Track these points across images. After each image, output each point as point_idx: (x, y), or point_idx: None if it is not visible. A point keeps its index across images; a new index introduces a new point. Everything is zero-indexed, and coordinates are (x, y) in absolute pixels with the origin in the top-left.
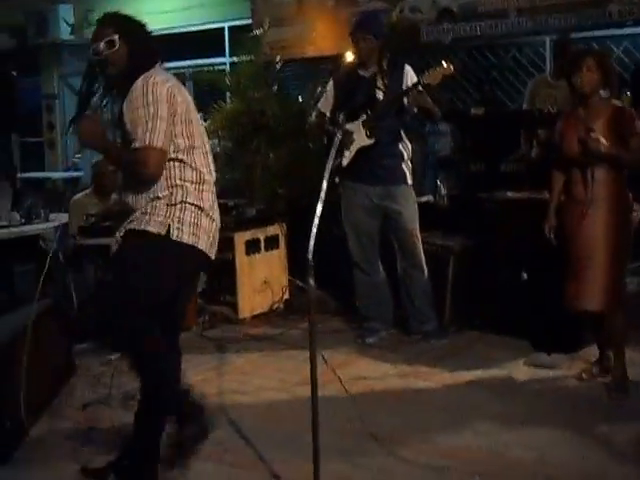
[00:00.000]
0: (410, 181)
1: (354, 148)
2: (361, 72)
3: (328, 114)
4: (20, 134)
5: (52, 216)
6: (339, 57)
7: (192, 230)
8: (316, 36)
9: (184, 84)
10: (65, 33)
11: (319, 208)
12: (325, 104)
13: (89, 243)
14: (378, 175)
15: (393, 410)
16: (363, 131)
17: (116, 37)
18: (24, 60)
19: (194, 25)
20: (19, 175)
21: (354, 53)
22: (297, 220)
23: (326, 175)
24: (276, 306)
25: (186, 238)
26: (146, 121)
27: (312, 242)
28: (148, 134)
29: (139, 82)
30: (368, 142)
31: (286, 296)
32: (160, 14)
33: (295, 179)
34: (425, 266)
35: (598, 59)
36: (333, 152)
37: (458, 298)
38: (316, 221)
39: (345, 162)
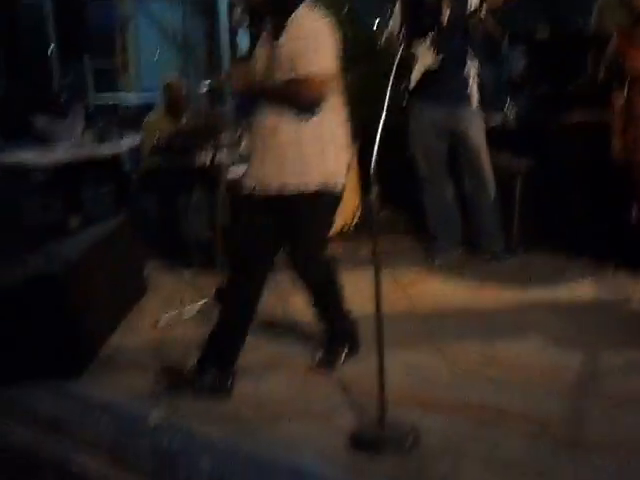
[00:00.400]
0: (476, 103)
1: (419, 70)
2: None
3: (395, 32)
4: (93, 56)
5: (125, 138)
6: None
7: None
8: None
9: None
10: None
11: (382, 122)
12: (394, 26)
13: (162, 164)
14: (443, 97)
15: (458, 325)
16: (429, 53)
17: None
18: None
19: None
20: (93, 98)
21: None
22: (369, 143)
23: (388, 92)
24: (347, 227)
25: None
26: (315, 49)
27: (375, 157)
28: (320, 63)
29: (299, 15)
30: (433, 64)
31: (358, 217)
32: None
33: (366, 103)
34: (493, 186)
35: None
36: (393, 71)
37: (526, 219)
38: (378, 137)
39: (412, 84)
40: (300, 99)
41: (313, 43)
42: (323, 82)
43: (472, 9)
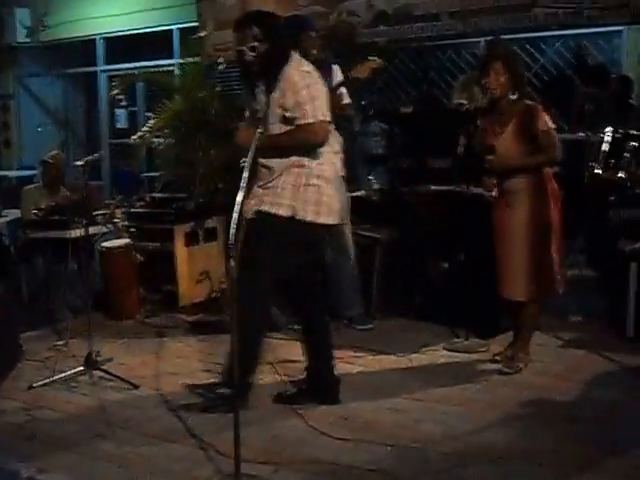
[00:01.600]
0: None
1: None
2: None
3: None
4: None
5: (5, 212)
6: None
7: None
8: None
9: (134, 84)
10: (21, 36)
11: (239, 196)
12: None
13: (38, 236)
14: None
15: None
16: None
17: (257, 42)
18: None
19: (144, 27)
20: None
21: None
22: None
23: (246, 169)
24: (214, 295)
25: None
26: (311, 99)
27: (233, 228)
28: (318, 110)
29: (290, 71)
30: None
31: (224, 285)
32: (111, 17)
33: (234, 174)
34: (352, 254)
35: (505, 62)
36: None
37: (385, 287)
38: (237, 208)
39: None
40: (308, 143)
41: (307, 94)
42: (324, 125)
43: (337, 83)
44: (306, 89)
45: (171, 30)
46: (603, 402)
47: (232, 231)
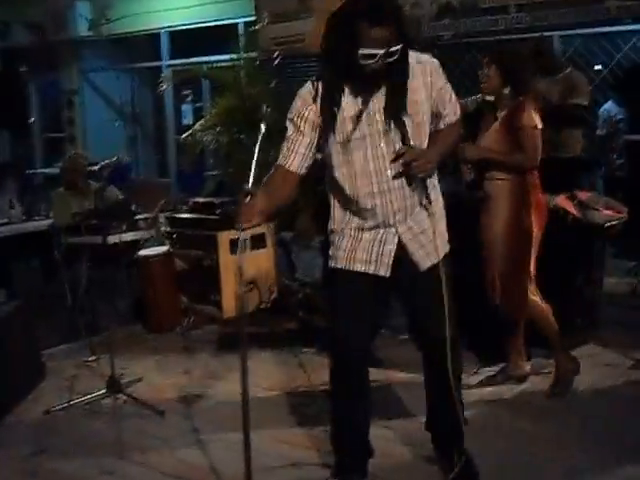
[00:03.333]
0: None
1: None
2: None
3: None
4: (43, 129)
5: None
6: None
7: None
8: (320, 32)
9: (199, 80)
10: (83, 29)
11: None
12: None
13: (78, 242)
14: None
15: None
16: None
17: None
18: (44, 56)
19: (209, 21)
20: (41, 170)
21: None
22: (287, 219)
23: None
24: (263, 306)
25: None
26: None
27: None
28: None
29: (423, 60)
30: None
31: (274, 295)
32: (175, 10)
33: None
34: None
35: (497, 59)
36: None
37: None
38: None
39: None
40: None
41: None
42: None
43: None
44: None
45: (236, 24)
46: None
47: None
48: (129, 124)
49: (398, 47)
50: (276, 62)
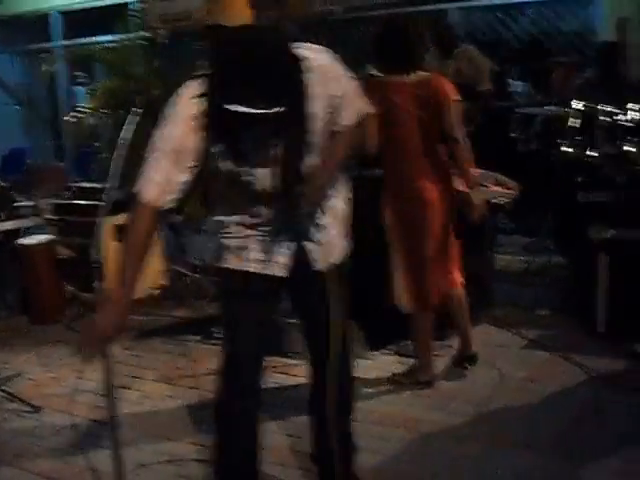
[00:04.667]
0: None
1: None
2: None
3: None
4: None
5: None
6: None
7: None
8: (210, 7)
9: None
10: None
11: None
12: None
13: None
14: None
15: None
16: None
17: None
18: None
19: (100, 0)
20: None
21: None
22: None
23: None
24: (151, 292)
25: None
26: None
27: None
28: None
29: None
30: None
31: (163, 281)
32: None
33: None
34: None
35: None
36: None
37: None
38: None
39: None
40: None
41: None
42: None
43: None
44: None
45: (127, 3)
46: (565, 420)
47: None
48: (24, 108)
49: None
50: (163, 41)
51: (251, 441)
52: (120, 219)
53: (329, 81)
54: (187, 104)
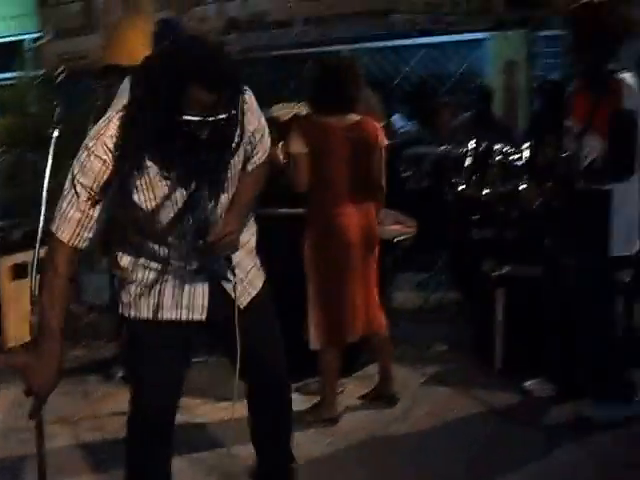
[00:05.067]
0: None
1: None
2: None
3: None
4: None
5: None
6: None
7: None
8: (106, 47)
9: None
10: None
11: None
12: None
13: None
14: None
15: None
16: None
17: None
18: None
19: None
20: None
21: None
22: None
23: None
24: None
25: None
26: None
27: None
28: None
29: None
30: None
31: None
32: None
33: None
34: None
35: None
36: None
37: None
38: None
39: None
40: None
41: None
42: None
43: None
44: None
45: (22, 40)
46: (463, 452)
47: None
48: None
49: (227, 115)
50: (59, 79)
51: None
52: (18, 258)
53: (253, 115)
54: (105, 139)
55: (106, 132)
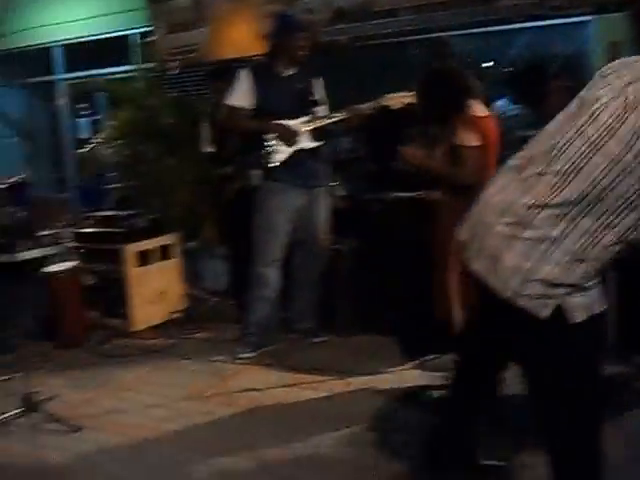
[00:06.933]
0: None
1: (293, 148)
2: (278, 70)
3: (245, 108)
4: None
5: None
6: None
7: None
8: (216, 40)
9: (91, 93)
10: None
11: None
12: (239, 98)
13: None
14: (309, 177)
15: (276, 423)
16: (303, 133)
17: None
18: None
19: (102, 34)
20: None
21: (284, 53)
22: (192, 228)
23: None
24: (172, 316)
25: None
26: None
27: None
28: None
29: None
30: (309, 145)
31: (184, 306)
32: (68, 23)
33: (192, 186)
34: (321, 262)
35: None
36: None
37: (347, 301)
38: None
39: (280, 161)
40: None
41: None
42: None
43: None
44: None
45: (130, 35)
46: None
47: None
48: (25, 141)
49: None
50: (175, 72)
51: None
52: (141, 245)
53: None
54: None
55: None
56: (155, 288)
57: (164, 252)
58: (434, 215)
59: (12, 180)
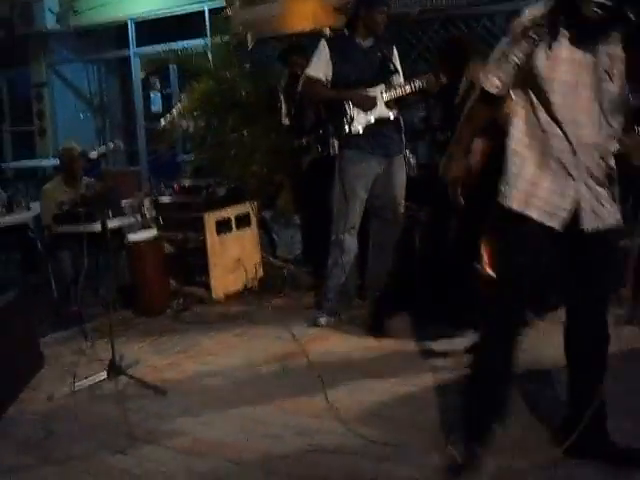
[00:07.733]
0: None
1: (373, 116)
2: (358, 41)
3: (324, 78)
4: (12, 123)
5: (33, 205)
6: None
7: None
8: (289, 13)
9: (167, 67)
10: (51, 22)
11: None
12: (318, 69)
13: (64, 231)
14: (388, 146)
15: (357, 384)
16: (382, 102)
17: None
18: (13, 51)
19: (175, 8)
20: (10, 164)
21: (365, 26)
22: (268, 197)
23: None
24: (250, 284)
25: None
26: None
27: None
28: None
29: None
30: (388, 114)
31: (260, 274)
32: None
33: (267, 156)
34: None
35: None
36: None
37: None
38: None
39: (360, 129)
40: None
41: None
42: None
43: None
44: None
45: (202, 10)
46: None
47: None
48: (98, 115)
49: None
50: (250, 45)
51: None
52: (221, 214)
53: None
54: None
55: None
56: (233, 256)
57: (241, 221)
58: None
59: (102, 150)
